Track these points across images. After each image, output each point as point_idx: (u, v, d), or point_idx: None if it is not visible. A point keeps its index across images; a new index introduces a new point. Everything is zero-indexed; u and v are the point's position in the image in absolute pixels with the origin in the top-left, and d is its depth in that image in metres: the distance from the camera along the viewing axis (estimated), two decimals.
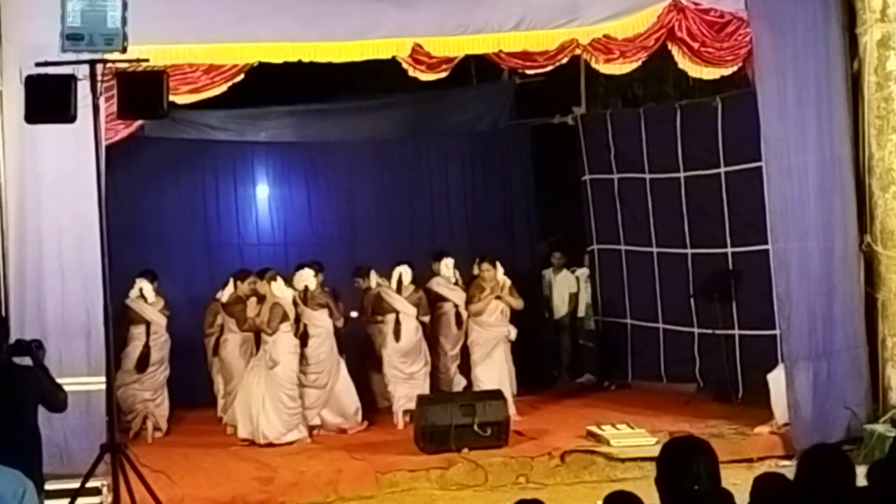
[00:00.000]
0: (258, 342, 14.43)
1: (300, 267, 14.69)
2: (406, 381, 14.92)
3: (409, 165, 18.16)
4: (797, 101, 12.82)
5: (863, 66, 12.84)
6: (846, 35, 12.93)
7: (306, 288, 14.38)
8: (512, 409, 14.39)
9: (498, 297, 14.95)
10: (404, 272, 15.21)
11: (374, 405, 15.43)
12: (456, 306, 15.42)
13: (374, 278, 15.48)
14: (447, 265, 15.50)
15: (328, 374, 14.41)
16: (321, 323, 14.55)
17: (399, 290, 15.15)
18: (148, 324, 14.62)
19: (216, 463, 13.18)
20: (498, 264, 15.29)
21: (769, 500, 5.70)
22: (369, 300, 15.48)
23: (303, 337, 14.32)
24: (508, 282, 15.12)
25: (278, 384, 13.86)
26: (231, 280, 14.83)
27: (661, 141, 16.24)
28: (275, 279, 14.13)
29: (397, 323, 14.94)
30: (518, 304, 15.07)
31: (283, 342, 13.97)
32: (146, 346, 14.70)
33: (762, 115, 12.82)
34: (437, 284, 15.53)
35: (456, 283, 15.51)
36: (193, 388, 15.84)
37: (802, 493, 5.34)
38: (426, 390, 14.80)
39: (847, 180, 12.91)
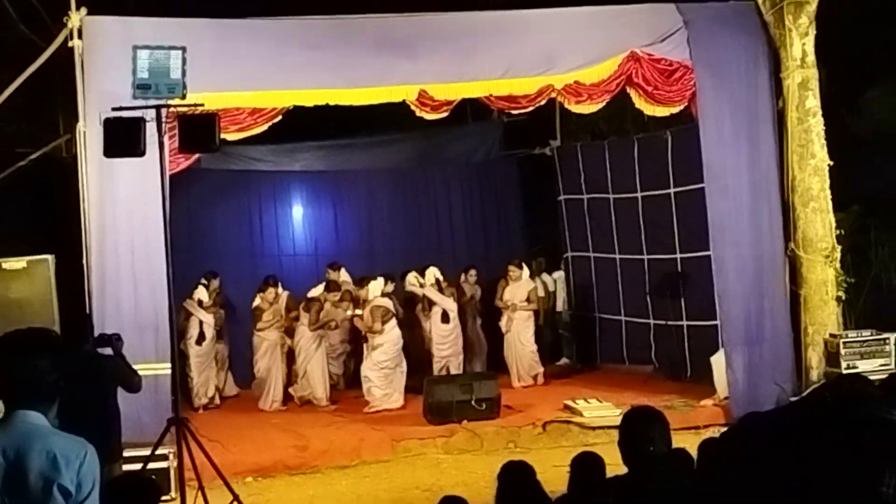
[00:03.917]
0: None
1: (372, 278, 14.91)
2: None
3: (417, 190, 18.01)
4: (733, 134, 12.83)
5: (786, 104, 12.83)
6: (773, 79, 12.88)
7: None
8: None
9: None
10: (431, 273, 15.50)
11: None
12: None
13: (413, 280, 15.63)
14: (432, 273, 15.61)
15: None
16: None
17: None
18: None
19: (261, 433, 13.16)
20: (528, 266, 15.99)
21: (713, 461, 5.75)
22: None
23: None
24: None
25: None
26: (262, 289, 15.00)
27: (622, 167, 16.19)
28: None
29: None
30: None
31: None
32: (201, 336, 14.88)
33: (704, 146, 12.86)
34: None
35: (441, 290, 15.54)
36: (243, 373, 15.83)
37: (739, 452, 5.38)
38: None
39: (774, 198, 12.90)
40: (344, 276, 15.39)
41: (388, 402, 14.21)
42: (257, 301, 14.80)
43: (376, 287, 14.39)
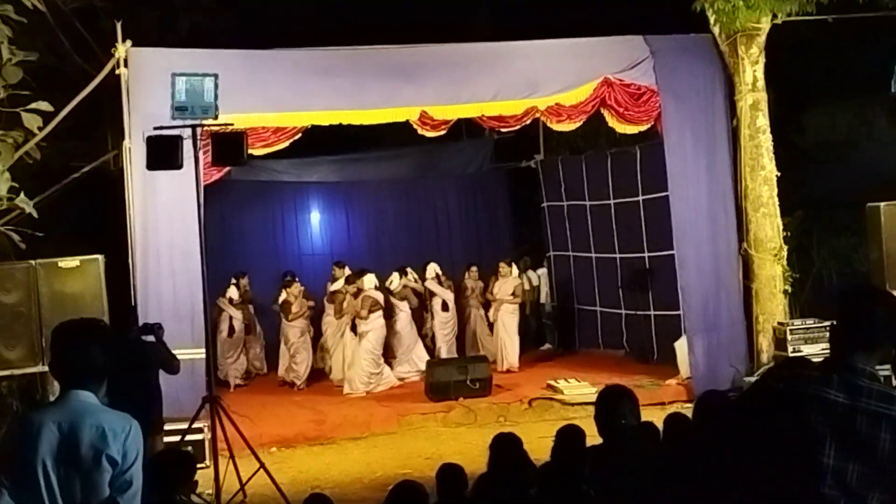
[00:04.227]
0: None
1: (369, 272, 14.83)
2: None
3: (418, 198, 18.00)
4: (693, 149, 12.82)
5: (739, 123, 12.83)
6: (727, 101, 12.87)
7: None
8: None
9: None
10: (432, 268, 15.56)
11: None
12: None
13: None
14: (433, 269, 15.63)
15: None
16: (405, 308, 14.89)
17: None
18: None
19: (284, 409, 13.21)
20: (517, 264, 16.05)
21: (676, 432, 5.75)
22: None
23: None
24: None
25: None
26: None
27: (597, 178, 16.14)
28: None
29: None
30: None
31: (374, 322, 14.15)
32: (231, 329, 14.96)
33: (668, 159, 12.89)
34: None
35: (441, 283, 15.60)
36: (268, 357, 15.83)
37: (699, 425, 5.38)
38: None
39: (729, 204, 12.89)
40: (347, 272, 15.21)
41: (382, 383, 14.25)
42: (283, 296, 14.76)
43: (370, 280, 14.32)
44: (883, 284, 10.70)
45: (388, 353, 14.70)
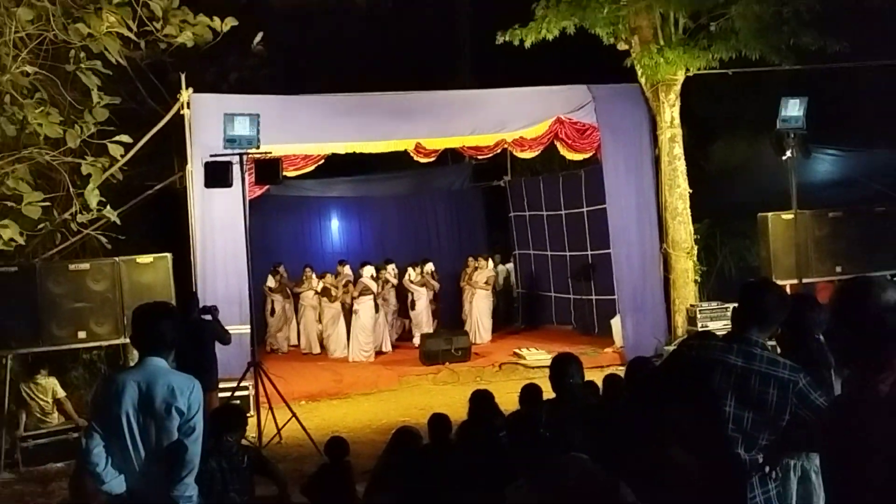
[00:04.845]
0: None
1: (388, 262, 15.25)
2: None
3: (414, 209, 17.86)
4: (625, 171, 12.82)
5: (660, 152, 12.84)
6: (651, 135, 12.90)
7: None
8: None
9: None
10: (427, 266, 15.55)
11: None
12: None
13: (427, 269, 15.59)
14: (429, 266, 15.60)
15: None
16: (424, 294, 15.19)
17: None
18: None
19: (310, 371, 13.25)
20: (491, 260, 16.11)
21: (612, 389, 5.77)
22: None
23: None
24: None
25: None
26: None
27: (551, 194, 16.19)
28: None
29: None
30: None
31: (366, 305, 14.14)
32: (272, 310, 15.00)
33: (606, 180, 12.88)
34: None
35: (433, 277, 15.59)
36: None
37: (630, 383, 5.41)
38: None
39: (652, 214, 12.89)
40: (347, 269, 15.06)
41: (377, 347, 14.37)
42: (328, 283, 14.64)
43: (368, 270, 14.36)
44: (771, 276, 10.75)
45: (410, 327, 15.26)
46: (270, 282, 15.00)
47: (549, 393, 5.36)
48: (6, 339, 9.11)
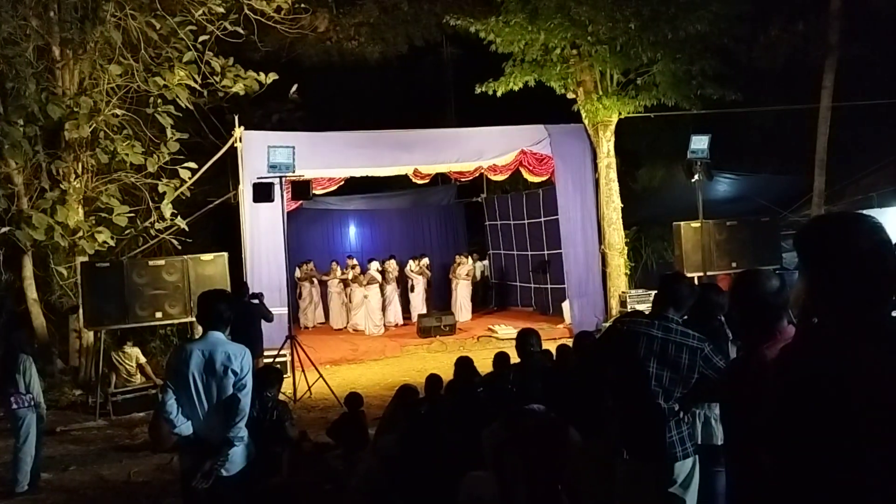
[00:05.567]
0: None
1: (391, 258, 15.09)
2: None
3: (413, 219, 17.71)
4: (573, 191, 12.76)
5: (600, 175, 12.82)
6: (593, 163, 12.86)
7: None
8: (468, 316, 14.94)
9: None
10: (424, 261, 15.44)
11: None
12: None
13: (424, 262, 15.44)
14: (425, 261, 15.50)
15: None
16: (420, 282, 15.02)
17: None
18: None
19: (332, 342, 13.12)
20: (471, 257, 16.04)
21: (563, 356, 5.78)
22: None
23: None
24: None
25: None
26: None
27: (517, 208, 16.16)
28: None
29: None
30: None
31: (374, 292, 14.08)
32: (300, 293, 14.91)
33: (558, 197, 12.81)
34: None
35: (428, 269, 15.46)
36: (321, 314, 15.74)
37: (577, 351, 5.41)
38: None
39: (594, 223, 12.82)
40: (354, 262, 14.97)
41: (384, 322, 14.24)
42: (354, 274, 14.51)
43: (374, 265, 14.32)
44: (683, 270, 10.78)
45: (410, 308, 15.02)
46: (297, 273, 15.02)
47: (515, 359, 5.36)
48: (100, 318, 9.09)
